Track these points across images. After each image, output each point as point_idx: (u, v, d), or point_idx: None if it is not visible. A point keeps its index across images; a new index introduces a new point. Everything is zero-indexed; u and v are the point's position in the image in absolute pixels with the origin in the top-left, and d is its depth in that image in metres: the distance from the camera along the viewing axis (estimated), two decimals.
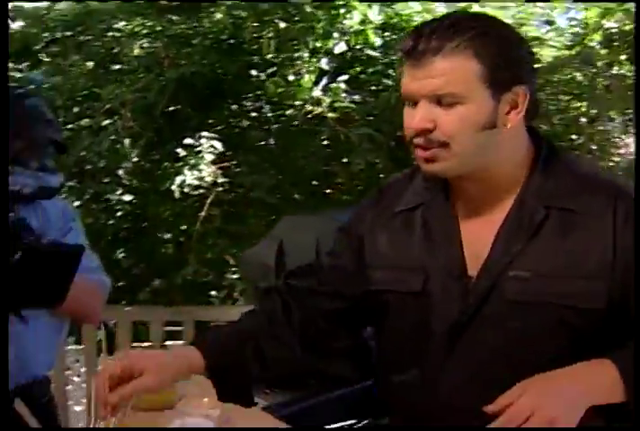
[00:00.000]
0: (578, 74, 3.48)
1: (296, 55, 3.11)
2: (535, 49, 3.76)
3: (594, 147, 3.49)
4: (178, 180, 2.95)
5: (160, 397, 1.69)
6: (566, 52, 3.57)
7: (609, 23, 3.43)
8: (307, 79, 3.04)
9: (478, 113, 1.28)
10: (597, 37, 3.30)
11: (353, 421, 2.19)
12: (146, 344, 2.93)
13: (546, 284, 1.30)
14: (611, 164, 3.52)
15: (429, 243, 1.41)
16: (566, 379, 1.28)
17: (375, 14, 3.58)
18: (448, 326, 1.36)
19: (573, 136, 3.64)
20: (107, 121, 2.89)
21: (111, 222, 3.12)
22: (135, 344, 2.71)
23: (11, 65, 3.82)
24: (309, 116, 3.00)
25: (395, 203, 1.47)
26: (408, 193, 1.47)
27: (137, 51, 3.12)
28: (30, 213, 2.06)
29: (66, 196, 3.02)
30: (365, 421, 2.16)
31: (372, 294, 1.46)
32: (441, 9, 4.10)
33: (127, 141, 2.85)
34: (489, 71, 1.26)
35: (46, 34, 3.41)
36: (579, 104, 3.39)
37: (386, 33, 3.59)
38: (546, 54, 3.74)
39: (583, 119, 3.48)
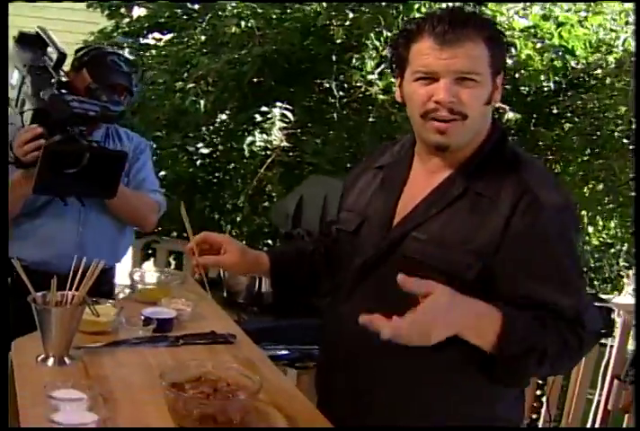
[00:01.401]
0: None
1: (365, 42, 3.56)
2: None
3: None
4: (248, 140, 3.49)
5: (155, 294, 2.28)
6: None
7: None
8: (369, 64, 3.51)
9: (486, 91, 1.63)
10: None
11: (306, 347, 2.66)
12: None
13: (436, 249, 1.63)
14: None
15: (376, 196, 1.81)
16: (470, 305, 1.48)
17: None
18: (361, 262, 1.76)
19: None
20: (192, 85, 3.46)
21: (190, 170, 3.73)
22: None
23: (157, 35, 4.54)
24: (361, 96, 3.45)
25: (374, 162, 1.92)
26: (384, 156, 1.90)
27: (234, 29, 3.66)
28: (97, 132, 2.70)
29: (155, 144, 3.66)
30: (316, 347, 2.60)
31: (336, 232, 1.92)
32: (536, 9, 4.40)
33: (202, 102, 3.41)
34: (493, 58, 1.62)
35: (167, 13, 4.06)
36: None
37: None
38: None
39: None
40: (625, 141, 3.66)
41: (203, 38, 4.03)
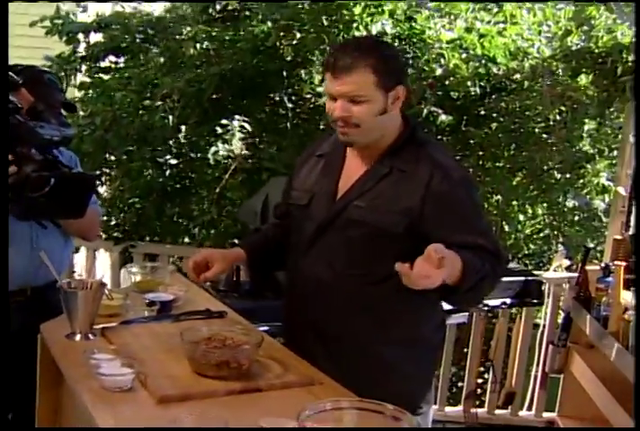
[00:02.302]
0: None
1: (311, 58, 4.00)
2: None
3: None
4: (212, 150, 3.88)
5: (151, 284, 2.64)
6: None
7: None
8: (316, 78, 3.94)
9: (375, 106, 2.14)
10: None
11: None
12: None
13: (372, 213, 2.18)
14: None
15: (320, 177, 2.31)
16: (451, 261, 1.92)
17: (389, 28, 4.43)
18: (314, 227, 2.27)
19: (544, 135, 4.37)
20: (159, 103, 3.84)
21: (160, 180, 4.10)
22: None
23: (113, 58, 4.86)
24: (312, 106, 3.88)
25: (316, 150, 2.39)
26: (322, 146, 2.37)
27: (192, 51, 4.05)
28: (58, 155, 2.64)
29: (127, 158, 4.03)
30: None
31: (288, 207, 2.36)
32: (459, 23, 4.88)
33: (171, 118, 3.79)
34: (381, 80, 2.11)
35: (126, 36, 4.42)
36: None
37: (396, 43, 4.43)
38: None
39: None
40: (544, 136, 4.18)
41: (162, 59, 4.39)
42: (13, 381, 2.76)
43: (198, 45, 4.19)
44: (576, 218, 5.02)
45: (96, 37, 5.44)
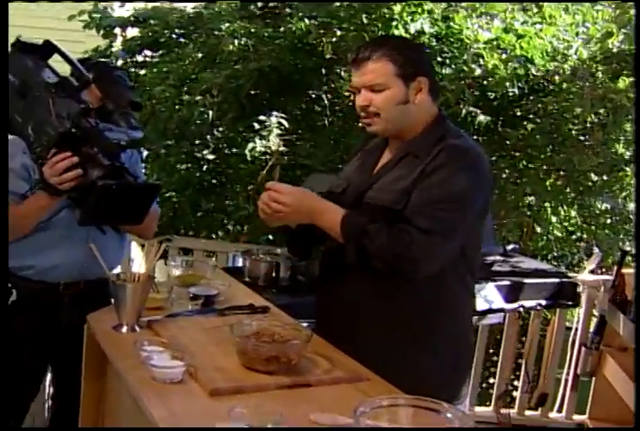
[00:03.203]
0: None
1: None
2: None
3: None
4: (250, 146, 3.90)
5: (193, 278, 2.67)
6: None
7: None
8: None
9: (395, 95, 2.22)
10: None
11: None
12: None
13: (377, 192, 2.25)
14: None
15: (359, 167, 2.39)
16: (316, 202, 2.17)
17: (427, 27, 4.43)
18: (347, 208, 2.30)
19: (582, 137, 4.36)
20: (199, 98, 3.87)
21: (197, 174, 4.13)
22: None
23: (149, 52, 4.91)
24: (350, 103, 3.89)
25: (367, 144, 2.47)
26: (372, 141, 2.43)
27: (231, 47, 4.08)
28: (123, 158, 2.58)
29: (165, 152, 4.06)
30: None
31: (328, 193, 2.42)
32: (496, 23, 4.88)
33: (211, 113, 3.81)
34: (399, 69, 2.20)
35: (165, 31, 4.45)
36: None
37: (434, 43, 4.43)
38: None
39: None
40: (581, 138, 4.16)
41: (199, 55, 4.42)
42: (62, 371, 2.82)
43: (236, 41, 4.20)
44: (608, 221, 5.00)
45: (132, 31, 5.50)
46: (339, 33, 3.90)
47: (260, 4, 4.14)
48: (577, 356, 3.98)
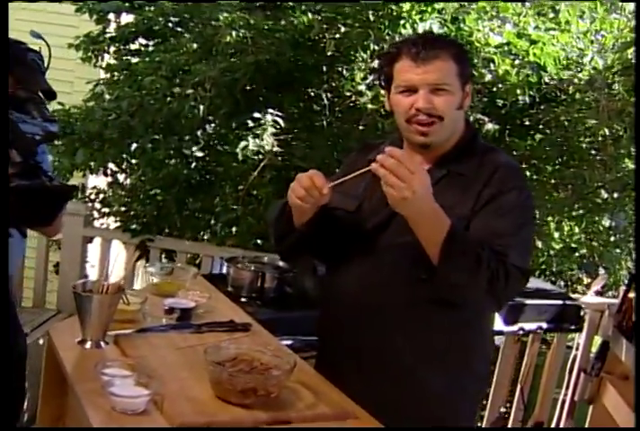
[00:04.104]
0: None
1: (355, 54, 3.80)
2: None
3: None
4: (242, 145, 3.68)
5: (171, 287, 2.45)
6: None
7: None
8: (358, 75, 3.74)
9: (456, 98, 2.01)
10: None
11: (306, 337, 2.86)
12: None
13: None
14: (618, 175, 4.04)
15: (372, 183, 2.06)
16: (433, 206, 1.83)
17: (437, 27, 4.21)
18: (365, 234, 2.06)
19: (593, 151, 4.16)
20: (190, 91, 3.64)
21: (185, 172, 3.91)
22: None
23: (143, 41, 4.68)
24: (352, 105, 3.68)
25: (367, 154, 2.18)
26: (376, 151, 2.16)
27: (229, 38, 3.85)
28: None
29: (152, 147, 3.83)
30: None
31: (332, 209, 2.14)
32: (508, 27, 4.67)
33: (202, 108, 3.59)
34: (460, 70, 1.99)
35: (160, 19, 4.22)
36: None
37: None
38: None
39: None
40: (592, 152, 3.96)
41: (195, 45, 4.19)
42: None
43: (234, 32, 3.97)
44: (612, 238, 4.80)
45: (127, 18, 5.27)
46: (343, 30, 3.68)
47: None
48: (575, 382, 3.78)
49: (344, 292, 2.10)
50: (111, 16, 5.09)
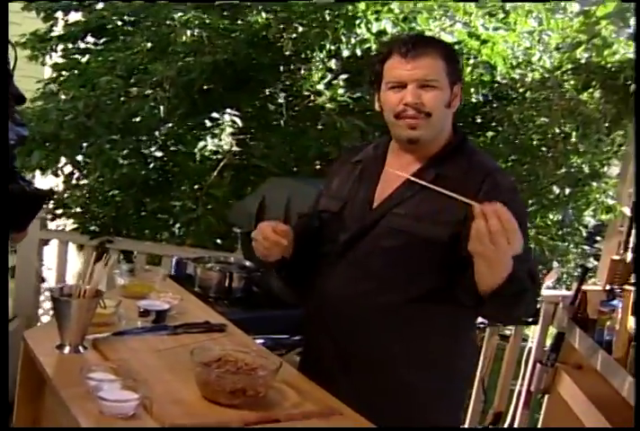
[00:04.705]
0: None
1: (310, 54, 3.82)
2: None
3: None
4: (200, 144, 3.67)
5: (140, 289, 2.44)
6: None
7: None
8: (315, 75, 3.77)
9: (444, 95, 2.02)
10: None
11: (286, 336, 2.89)
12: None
13: (414, 221, 2.00)
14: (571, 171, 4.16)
15: (357, 184, 2.13)
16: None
17: (390, 27, 4.27)
18: (347, 236, 2.08)
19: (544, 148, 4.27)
20: (149, 91, 3.62)
21: (143, 172, 3.88)
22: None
23: (92, 39, 4.62)
24: (311, 104, 3.71)
25: (351, 157, 2.21)
26: (360, 153, 2.20)
27: (185, 38, 3.83)
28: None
29: (109, 147, 3.79)
30: (296, 337, 2.84)
31: (319, 212, 2.19)
32: (458, 26, 4.76)
33: (162, 108, 3.57)
34: (448, 68, 2.01)
35: (114, 17, 4.17)
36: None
37: None
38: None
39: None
40: (543, 149, 4.07)
41: (149, 44, 4.16)
42: None
43: (189, 32, 3.96)
44: (559, 233, 4.94)
45: (75, 16, 5.19)
46: (301, 29, 3.70)
47: None
48: (532, 373, 3.87)
49: (327, 294, 2.11)
50: (59, 14, 5.02)
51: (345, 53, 3.78)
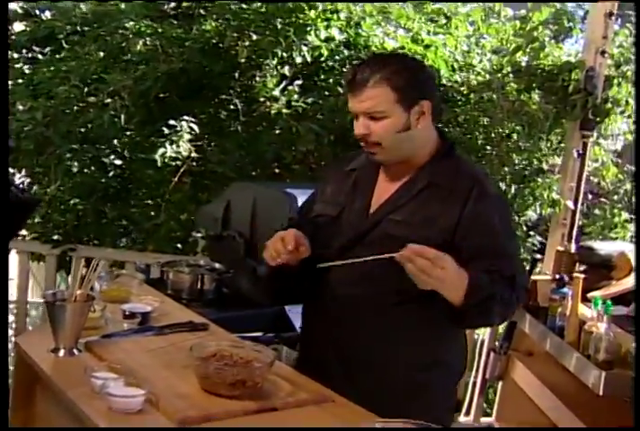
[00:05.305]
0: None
1: (264, 61, 3.94)
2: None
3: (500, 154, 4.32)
4: (160, 151, 3.74)
5: (118, 293, 2.52)
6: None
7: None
8: (270, 81, 3.89)
9: (396, 122, 2.06)
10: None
11: (261, 333, 2.99)
12: None
13: (409, 228, 2.08)
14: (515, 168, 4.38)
15: (352, 191, 2.22)
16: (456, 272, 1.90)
17: (337, 33, 4.41)
18: (344, 241, 2.17)
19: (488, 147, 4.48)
20: (109, 100, 3.67)
21: (103, 180, 3.93)
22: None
23: (36, 48, 4.63)
24: (267, 110, 3.82)
25: (346, 165, 2.30)
26: (354, 162, 2.29)
27: (139, 47, 3.90)
28: None
29: (69, 156, 3.83)
30: (270, 334, 2.95)
31: (314, 217, 2.27)
32: (401, 32, 4.93)
33: (122, 117, 3.63)
34: (399, 95, 2.04)
35: (68, 27, 4.21)
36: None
37: (345, 49, 4.42)
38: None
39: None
40: (488, 148, 4.27)
41: (101, 54, 4.20)
42: None
43: (141, 41, 4.03)
44: None
45: (19, 26, 5.18)
46: (255, 37, 3.81)
47: (172, 5, 3.98)
48: (485, 362, 4.08)
49: (323, 297, 2.21)
50: None
51: (298, 60, 3.92)
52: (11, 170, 3.43)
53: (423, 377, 2.16)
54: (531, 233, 4.59)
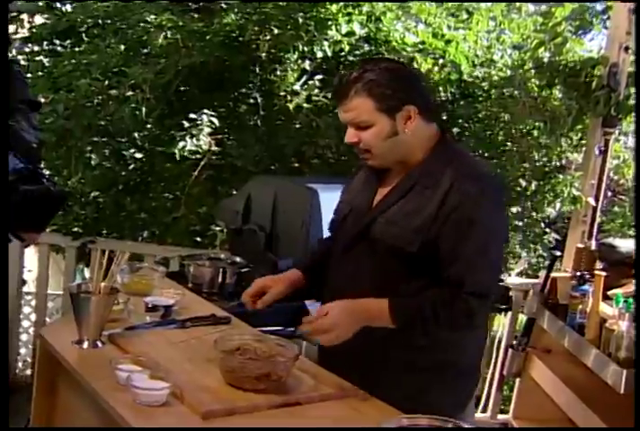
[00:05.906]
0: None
1: (285, 55, 3.94)
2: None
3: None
4: (180, 145, 3.75)
5: (140, 286, 2.53)
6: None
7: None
8: (291, 76, 3.89)
9: (382, 130, 2.08)
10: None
11: (281, 328, 3.00)
12: None
13: (389, 229, 2.12)
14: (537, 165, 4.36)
15: (360, 190, 2.29)
16: (361, 308, 2.03)
17: (358, 28, 4.40)
18: (347, 241, 2.23)
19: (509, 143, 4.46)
20: (129, 93, 3.68)
21: (123, 173, 3.94)
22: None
23: (57, 41, 4.65)
24: (287, 104, 3.83)
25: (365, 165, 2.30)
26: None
27: (160, 40, 3.90)
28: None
29: (89, 149, 3.85)
30: (291, 328, 2.95)
31: (337, 217, 2.34)
32: (421, 27, 4.92)
33: (143, 110, 3.64)
34: (380, 104, 2.05)
35: (89, 20, 4.22)
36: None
37: (365, 44, 4.42)
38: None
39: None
40: (508, 144, 4.25)
41: (122, 47, 4.21)
42: None
43: (162, 34, 4.03)
44: (520, 224, 5.13)
45: (40, 19, 5.20)
46: (276, 31, 3.80)
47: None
48: (503, 358, 4.07)
49: (328, 295, 2.25)
50: (24, 16, 5.03)
51: (319, 54, 3.91)
52: None
53: (427, 376, 2.16)
54: (547, 229, 4.57)
